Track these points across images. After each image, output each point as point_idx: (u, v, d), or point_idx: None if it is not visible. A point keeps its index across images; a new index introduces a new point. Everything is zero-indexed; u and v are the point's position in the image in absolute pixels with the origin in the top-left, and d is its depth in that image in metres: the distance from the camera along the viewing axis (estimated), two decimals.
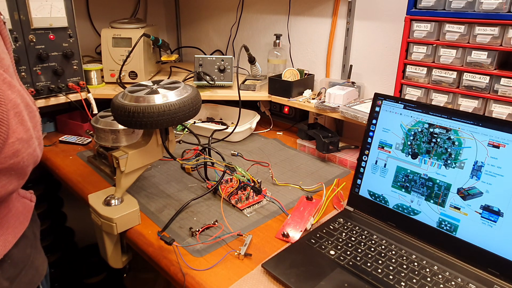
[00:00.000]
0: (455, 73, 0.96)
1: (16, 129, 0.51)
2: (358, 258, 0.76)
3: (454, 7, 0.91)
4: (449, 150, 0.78)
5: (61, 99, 1.31)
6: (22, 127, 0.52)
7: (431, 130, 0.80)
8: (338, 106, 1.19)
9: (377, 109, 0.88)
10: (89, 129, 1.32)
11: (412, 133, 0.83)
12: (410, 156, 0.84)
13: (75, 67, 1.31)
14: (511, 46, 0.86)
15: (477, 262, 0.74)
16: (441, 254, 0.77)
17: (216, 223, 0.87)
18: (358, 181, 0.92)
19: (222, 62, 1.44)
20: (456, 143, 0.77)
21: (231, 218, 0.91)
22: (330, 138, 1.19)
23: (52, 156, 1.24)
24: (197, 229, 0.84)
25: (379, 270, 0.73)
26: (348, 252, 0.78)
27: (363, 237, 0.83)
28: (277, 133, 1.47)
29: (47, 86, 1.26)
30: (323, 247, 0.80)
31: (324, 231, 0.85)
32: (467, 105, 0.95)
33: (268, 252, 0.80)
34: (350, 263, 0.75)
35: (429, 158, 0.81)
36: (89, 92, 1.35)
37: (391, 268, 0.74)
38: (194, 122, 1.39)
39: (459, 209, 0.77)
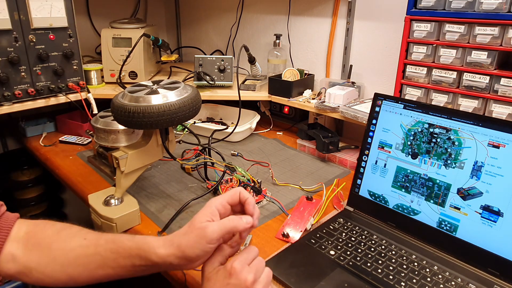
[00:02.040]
0: (455, 73, 0.96)
1: None
2: (358, 258, 0.76)
3: (454, 7, 0.91)
4: (449, 150, 0.78)
5: (61, 99, 1.31)
6: None
7: (431, 130, 0.80)
8: (338, 106, 1.19)
9: (377, 109, 0.88)
10: (89, 129, 1.32)
11: (412, 133, 0.83)
12: (410, 156, 0.84)
13: (75, 67, 1.31)
14: (511, 46, 0.86)
15: (477, 262, 0.74)
16: (441, 254, 0.77)
17: None
18: (358, 181, 0.92)
19: (222, 62, 1.44)
20: (456, 143, 0.77)
21: None
22: (330, 138, 1.19)
23: (52, 156, 1.25)
24: None
25: (379, 270, 0.73)
26: (348, 252, 0.78)
27: (363, 237, 0.83)
28: (277, 133, 1.47)
29: (47, 86, 1.26)
30: (323, 247, 0.80)
31: (324, 231, 0.85)
32: (467, 105, 0.95)
33: (268, 252, 0.80)
34: (350, 263, 0.75)
35: (429, 158, 0.81)
36: (89, 92, 1.35)
37: (391, 268, 0.74)
38: (194, 122, 1.39)
39: (459, 209, 0.77)
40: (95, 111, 1.31)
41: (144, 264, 0.58)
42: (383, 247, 0.80)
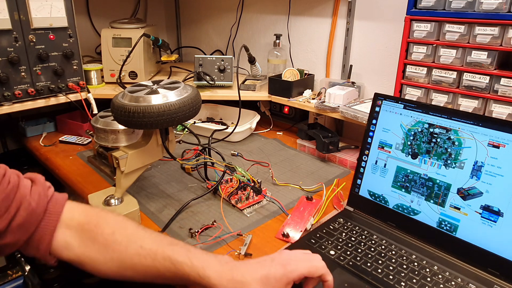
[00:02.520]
0: (455, 73, 0.96)
1: None
2: (358, 258, 0.76)
3: (454, 7, 0.91)
4: (449, 150, 0.78)
5: (61, 99, 1.31)
6: None
7: (431, 130, 0.80)
8: (338, 106, 1.19)
9: (377, 109, 0.88)
10: (89, 129, 1.32)
11: (412, 133, 0.83)
12: (410, 156, 0.84)
13: (75, 67, 1.31)
14: (511, 46, 0.86)
15: (477, 262, 0.74)
16: (441, 254, 0.77)
17: (214, 223, 0.87)
18: (358, 181, 0.92)
19: (222, 62, 1.44)
20: (456, 143, 0.77)
21: (231, 218, 0.91)
22: (330, 138, 1.19)
23: (52, 156, 1.25)
24: (197, 230, 0.84)
25: (379, 270, 0.73)
26: (348, 252, 0.78)
27: (363, 237, 0.83)
28: (277, 133, 1.47)
29: (47, 86, 1.26)
30: (323, 247, 0.80)
31: (324, 231, 0.85)
32: (467, 105, 0.95)
33: (268, 252, 0.80)
34: (350, 263, 0.75)
35: (429, 158, 0.81)
36: (89, 92, 1.35)
37: (391, 268, 0.74)
38: (194, 122, 1.39)
39: (459, 209, 0.77)
40: (95, 111, 1.32)
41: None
42: (383, 247, 0.80)
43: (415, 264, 0.75)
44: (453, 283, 0.70)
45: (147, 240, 0.62)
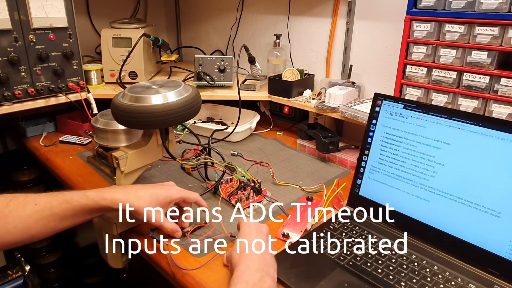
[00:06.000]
0: (455, 73, 0.96)
1: None
2: (358, 258, 0.76)
3: (454, 7, 0.91)
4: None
5: (61, 99, 1.31)
6: None
7: None
8: (338, 106, 1.19)
9: (377, 109, 0.88)
10: (89, 129, 1.32)
11: None
12: None
13: (75, 67, 1.31)
14: (511, 46, 0.86)
15: (477, 262, 0.74)
16: (441, 254, 0.77)
17: (206, 222, 0.87)
18: (358, 181, 0.92)
19: (222, 62, 1.44)
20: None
21: (231, 218, 0.91)
22: (330, 138, 1.19)
23: (52, 156, 1.25)
24: (188, 230, 0.84)
25: (379, 270, 0.73)
26: (348, 252, 0.78)
27: (363, 237, 0.83)
28: (277, 133, 1.47)
29: (47, 86, 1.26)
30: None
31: (324, 231, 0.85)
32: (467, 105, 0.95)
33: None
34: (350, 263, 0.75)
35: None
36: (89, 92, 1.35)
37: (391, 268, 0.74)
38: (194, 122, 1.39)
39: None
40: (95, 111, 1.31)
41: (100, 214, 0.75)
42: (383, 247, 0.79)
43: (415, 264, 0.75)
44: (453, 283, 0.70)
45: (39, 198, 0.69)
